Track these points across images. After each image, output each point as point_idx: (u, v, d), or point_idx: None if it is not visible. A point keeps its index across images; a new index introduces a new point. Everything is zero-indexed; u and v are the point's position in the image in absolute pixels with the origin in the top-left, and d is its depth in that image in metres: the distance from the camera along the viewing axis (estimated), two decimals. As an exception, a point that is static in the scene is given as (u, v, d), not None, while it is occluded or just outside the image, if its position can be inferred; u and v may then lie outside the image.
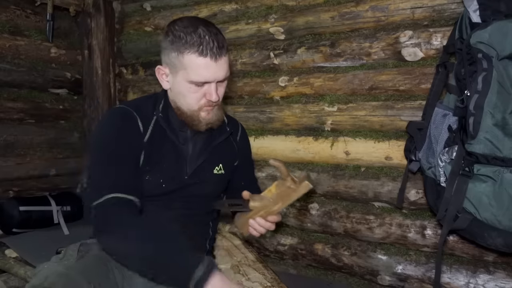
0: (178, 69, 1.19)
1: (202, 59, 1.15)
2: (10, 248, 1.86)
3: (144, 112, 1.27)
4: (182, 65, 1.17)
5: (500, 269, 1.56)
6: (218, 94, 1.22)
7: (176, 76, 1.21)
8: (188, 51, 1.15)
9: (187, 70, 1.17)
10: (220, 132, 1.38)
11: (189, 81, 1.18)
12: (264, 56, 1.99)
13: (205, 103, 1.22)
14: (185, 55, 1.15)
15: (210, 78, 1.18)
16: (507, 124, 1.23)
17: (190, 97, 1.21)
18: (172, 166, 1.27)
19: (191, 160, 1.31)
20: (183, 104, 1.24)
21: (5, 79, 2.13)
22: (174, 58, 1.18)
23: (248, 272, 1.49)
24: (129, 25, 2.46)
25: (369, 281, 1.82)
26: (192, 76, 1.16)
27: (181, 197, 1.28)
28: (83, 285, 1.03)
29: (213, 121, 1.27)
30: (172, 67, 1.21)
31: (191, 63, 1.15)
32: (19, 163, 2.23)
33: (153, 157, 1.24)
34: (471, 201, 1.27)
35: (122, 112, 1.25)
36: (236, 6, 2.05)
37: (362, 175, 1.80)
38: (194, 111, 1.23)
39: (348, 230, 1.84)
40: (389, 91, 1.72)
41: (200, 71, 1.16)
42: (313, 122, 1.89)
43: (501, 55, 1.24)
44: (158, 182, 1.24)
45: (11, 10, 2.16)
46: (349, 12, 1.76)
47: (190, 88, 1.19)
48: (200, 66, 1.15)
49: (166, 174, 1.26)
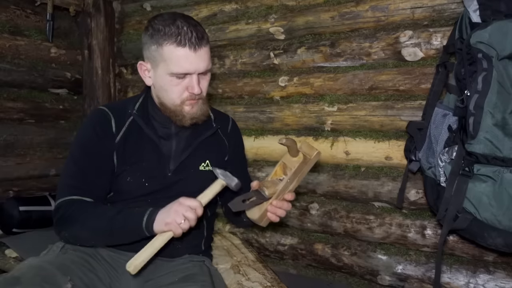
0: (158, 62, 1.19)
1: (181, 49, 1.15)
2: (10, 248, 1.85)
3: (121, 112, 1.29)
4: (162, 58, 1.17)
5: (500, 269, 1.56)
6: (201, 87, 1.21)
7: (156, 70, 1.20)
8: (166, 42, 1.15)
9: (166, 62, 1.16)
10: (206, 127, 1.36)
11: (170, 74, 1.17)
12: (264, 56, 1.99)
13: (188, 97, 1.21)
14: (164, 47, 1.15)
15: (190, 69, 1.17)
16: (507, 124, 1.23)
17: (172, 90, 1.20)
18: (153, 164, 1.26)
19: (175, 156, 1.30)
20: (166, 99, 1.23)
21: (5, 79, 2.13)
22: (154, 51, 1.18)
23: (248, 272, 1.49)
24: (129, 25, 2.46)
25: (369, 281, 1.82)
26: (172, 67, 1.16)
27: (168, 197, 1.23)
28: (56, 276, 1.04)
29: (198, 115, 1.25)
30: (152, 61, 1.21)
31: (170, 54, 1.15)
32: (19, 163, 2.23)
33: (130, 157, 1.25)
34: (471, 201, 1.27)
35: (98, 114, 1.28)
36: (236, 6, 2.05)
37: (362, 175, 1.80)
38: (177, 106, 1.22)
39: (348, 230, 1.84)
40: (389, 91, 1.72)
41: (179, 62, 1.15)
42: (313, 122, 1.89)
43: (501, 55, 1.24)
44: (140, 182, 1.24)
45: (11, 10, 2.16)
46: (349, 12, 1.76)
47: (171, 81, 1.18)
48: (179, 56, 1.15)
49: (147, 173, 1.25)
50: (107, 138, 1.24)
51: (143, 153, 1.26)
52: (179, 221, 1.05)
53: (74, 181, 1.20)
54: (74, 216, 1.15)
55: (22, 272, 1.02)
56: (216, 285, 1.24)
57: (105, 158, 1.23)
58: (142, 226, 1.09)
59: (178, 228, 1.06)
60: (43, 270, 1.04)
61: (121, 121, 1.27)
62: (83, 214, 1.15)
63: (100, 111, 1.28)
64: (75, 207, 1.16)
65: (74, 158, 1.24)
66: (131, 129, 1.27)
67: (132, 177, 1.24)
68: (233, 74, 2.11)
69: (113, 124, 1.26)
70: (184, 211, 1.06)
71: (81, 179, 1.20)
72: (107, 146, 1.24)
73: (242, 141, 1.55)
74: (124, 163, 1.24)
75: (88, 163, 1.22)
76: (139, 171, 1.24)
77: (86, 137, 1.25)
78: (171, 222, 1.05)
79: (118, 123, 1.26)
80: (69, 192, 1.18)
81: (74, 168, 1.22)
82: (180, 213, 1.06)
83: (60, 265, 1.09)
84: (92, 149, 1.23)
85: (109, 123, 1.25)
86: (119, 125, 1.26)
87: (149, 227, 1.08)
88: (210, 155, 1.36)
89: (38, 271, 1.03)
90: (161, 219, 1.07)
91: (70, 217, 1.15)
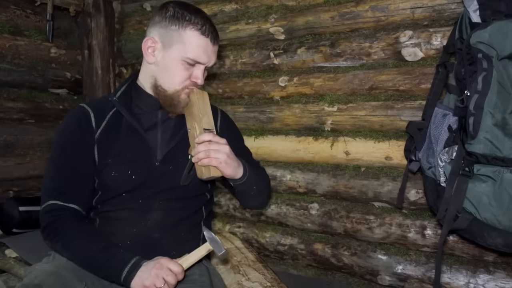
0: (174, 42, 1.18)
1: (204, 38, 1.18)
2: (10, 248, 1.85)
3: (101, 105, 1.26)
4: (181, 39, 1.17)
5: (500, 269, 1.56)
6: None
7: (169, 50, 1.19)
8: (191, 27, 1.17)
9: (185, 45, 1.17)
10: None
11: (184, 57, 1.18)
12: (264, 56, 1.99)
13: (188, 85, 1.21)
14: (188, 31, 1.17)
15: (204, 60, 1.20)
16: (507, 124, 1.23)
17: (179, 74, 1.19)
18: (138, 153, 1.21)
19: (162, 145, 1.24)
20: (166, 82, 1.21)
21: (5, 79, 2.13)
22: (174, 31, 1.17)
23: (248, 272, 1.49)
24: (129, 25, 2.46)
25: (369, 281, 1.82)
26: (189, 52, 1.17)
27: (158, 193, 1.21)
28: (73, 282, 1.04)
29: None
30: (167, 40, 1.19)
31: (192, 39, 1.17)
32: (19, 163, 2.23)
33: (111, 149, 1.20)
34: (471, 201, 1.27)
35: (76, 112, 1.25)
36: (236, 6, 2.05)
37: (362, 175, 1.80)
38: (176, 91, 1.20)
39: (348, 230, 1.84)
40: (389, 91, 1.72)
41: (198, 50, 1.18)
42: (313, 122, 1.89)
43: (501, 55, 1.24)
44: (126, 174, 1.19)
45: (11, 10, 2.16)
46: (349, 12, 1.76)
47: (182, 65, 1.19)
48: (200, 44, 1.18)
49: (132, 164, 1.20)
50: (86, 135, 1.20)
51: (126, 144, 1.21)
52: (159, 285, 1.02)
53: (55, 184, 1.18)
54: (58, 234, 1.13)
55: (42, 280, 1.01)
56: (215, 284, 1.22)
57: (86, 158, 1.19)
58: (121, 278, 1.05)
59: None
60: (61, 277, 1.03)
61: (101, 114, 1.23)
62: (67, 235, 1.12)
63: (78, 108, 1.25)
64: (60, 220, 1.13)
65: (54, 160, 1.20)
66: (112, 120, 1.23)
67: (117, 170, 1.18)
68: (233, 74, 2.11)
69: (92, 118, 1.21)
70: (165, 275, 1.03)
71: (62, 182, 1.17)
72: (87, 144, 1.19)
73: (236, 130, 1.50)
74: (106, 157, 1.19)
75: (68, 166, 1.18)
76: (123, 164, 1.19)
77: (64, 137, 1.21)
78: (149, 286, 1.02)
79: (98, 116, 1.22)
80: (51, 196, 1.16)
81: (54, 171, 1.19)
82: (160, 276, 1.02)
83: (74, 271, 1.08)
84: (71, 150, 1.19)
85: (87, 118, 1.21)
86: (99, 119, 1.22)
87: (127, 281, 1.05)
88: None
89: (57, 278, 1.03)
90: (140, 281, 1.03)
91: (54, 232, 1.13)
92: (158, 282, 1.02)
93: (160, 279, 1.02)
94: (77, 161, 1.18)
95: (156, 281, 1.02)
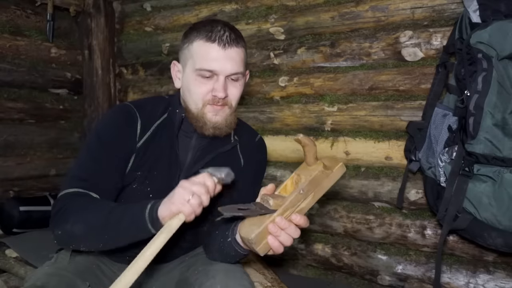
0: (187, 59, 1.14)
1: (209, 44, 1.09)
2: (10, 248, 1.86)
3: (149, 113, 1.19)
4: (190, 54, 1.12)
5: (500, 269, 1.56)
6: (228, 92, 1.12)
7: (185, 69, 1.15)
8: (197, 38, 1.11)
9: (193, 57, 1.11)
10: (225, 141, 1.22)
11: (196, 70, 1.10)
12: (264, 56, 1.99)
13: (211, 100, 1.11)
14: (194, 43, 1.11)
15: (217, 68, 1.09)
16: (507, 124, 1.23)
17: (196, 91, 1.12)
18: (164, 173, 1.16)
19: (187, 169, 1.19)
20: (190, 102, 1.15)
21: (5, 79, 2.13)
22: (185, 49, 1.15)
23: (248, 272, 1.49)
24: (129, 25, 2.46)
25: (369, 281, 1.82)
26: (198, 63, 1.10)
27: None
28: (76, 282, 1.02)
29: (221, 126, 1.14)
30: (183, 59, 1.16)
31: (198, 49, 1.10)
32: (19, 163, 2.23)
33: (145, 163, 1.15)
34: (471, 201, 1.27)
35: (125, 111, 1.18)
36: (236, 6, 2.05)
37: (362, 175, 1.80)
38: (199, 110, 1.13)
39: (348, 230, 1.84)
40: (389, 91, 1.72)
41: (206, 58, 1.09)
42: (313, 122, 1.89)
43: (501, 55, 1.24)
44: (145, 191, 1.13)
45: (12, 10, 2.16)
46: (349, 12, 1.76)
47: (196, 79, 1.11)
48: (207, 52, 1.09)
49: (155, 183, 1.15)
50: (129, 140, 1.15)
51: (159, 161, 1.16)
52: (187, 198, 0.89)
53: (84, 172, 1.09)
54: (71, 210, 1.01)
55: (44, 282, 0.99)
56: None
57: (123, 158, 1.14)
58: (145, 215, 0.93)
59: (187, 206, 0.89)
60: (64, 277, 1.02)
61: (147, 124, 1.17)
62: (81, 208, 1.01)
63: (127, 109, 1.18)
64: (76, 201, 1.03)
65: (90, 150, 1.13)
66: (155, 134, 1.17)
67: (140, 184, 1.14)
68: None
69: (139, 126, 1.16)
70: (190, 186, 0.91)
71: (93, 172, 1.09)
72: (128, 148, 1.15)
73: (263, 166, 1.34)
74: (137, 169, 1.15)
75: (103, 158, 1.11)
76: (148, 179, 1.15)
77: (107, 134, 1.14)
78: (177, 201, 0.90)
79: (144, 125, 1.16)
80: (76, 184, 1.06)
81: (87, 160, 1.11)
82: (188, 189, 0.90)
83: (76, 271, 1.06)
84: (111, 147, 1.12)
85: (134, 124, 1.16)
86: (145, 128, 1.16)
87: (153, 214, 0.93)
88: None
89: (60, 278, 1.01)
90: (166, 202, 0.93)
91: (67, 210, 1.02)
92: (186, 194, 0.90)
93: (187, 191, 0.90)
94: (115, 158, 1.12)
95: (184, 194, 0.90)
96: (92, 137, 1.17)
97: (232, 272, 1.04)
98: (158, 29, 2.32)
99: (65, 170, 2.43)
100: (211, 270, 1.05)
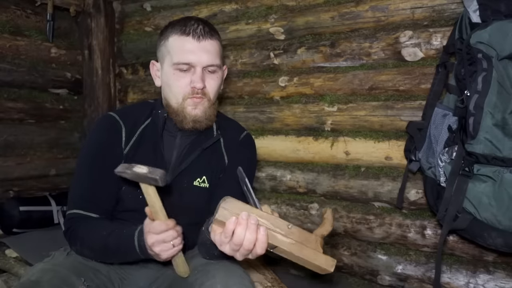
0: (164, 56, 1.18)
1: (184, 38, 1.14)
2: (10, 248, 1.86)
3: (134, 119, 1.23)
4: (167, 50, 1.16)
5: (500, 269, 1.56)
6: (206, 84, 1.16)
7: (163, 66, 1.19)
8: (172, 33, 1.15)
9: (170, 53, 1.15)
10: (207, 136, 1.26)
11: (173, 65, 1.14)
12: (264, 56, 1.99)
13: (190, 92, 1.15)
14: (170, 38, 1.16)
15: (193, 60, 1.13)
16: (507, 124, 1.23)
17: (175, 85, 1.16)
18: None
19: (173, 168, 1.22)
20: (171, 97, 1.18)
21: (5, 79, 2.13)
22: (162, 45, 1.18)
23: (248, 272, 1.49)
24: (129, 25, 2.46)
25: (369, 281, 1.82)
26: (174, 57, 1.14)
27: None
28: (71, 277, 1.03)
29: (201, 119, 1.17)
30: (160, 57, 1.20)
31: (174, 43, 1.15)
32: (19, 163, 2.23)
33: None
34: (471, 201, 1.27)
35: (107, 122, 1.22)
36: (236, 6, 2.05)
37: (362, 175, 1.80)
38: (180, 104, 1.16)
39: (348, 230, 1.84)
40: (389, 91, 1.72)
41: (181, 51, 1.13)
42: (313, 122, 1.89)
43: (501, 55, 1.24)
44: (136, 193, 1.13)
45: (11, 10, 2.16)
46: (349, 12, 1.76)
47: (175, 74, 1.15)
48: (182, 45, 1.13)
49: None
50: (116, 147, 1.19)
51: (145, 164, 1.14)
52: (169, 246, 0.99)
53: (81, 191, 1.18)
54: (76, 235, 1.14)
55: (39, 276, 1.00)
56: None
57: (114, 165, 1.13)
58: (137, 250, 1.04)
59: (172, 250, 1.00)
60: (59, 273, 1.03)
61: (132, 129, 1.22)
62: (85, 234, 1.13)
63: (109, 120, 1.22)
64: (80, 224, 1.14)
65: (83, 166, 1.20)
66: (141, 138, 1.22)
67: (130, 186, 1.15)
68: (233, 74, 2.11)
69: (123, 133, 1.20)
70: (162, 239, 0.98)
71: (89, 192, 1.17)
72: (117, 155, 1.19)
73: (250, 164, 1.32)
74: None
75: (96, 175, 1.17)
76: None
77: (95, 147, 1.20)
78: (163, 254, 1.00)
79: (128, 132, 1.21)
80: (77, 205, 1.17)
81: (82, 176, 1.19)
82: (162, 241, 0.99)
83: (72, 267, 1.07)
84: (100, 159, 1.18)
85: (118, 133, 1.20)
86: (130, 134, 1.21)
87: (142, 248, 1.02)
88: (208, 171, 1.24)
89: (54, 274, 1.02)
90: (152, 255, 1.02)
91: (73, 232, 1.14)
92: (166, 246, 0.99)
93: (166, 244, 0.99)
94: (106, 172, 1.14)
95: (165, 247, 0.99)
96: (81, 153, 1.24)
97: (232, 272, 1.05)
98: (158, 29, 2.32)
99: (65, 170, 2.43)
100: (211, 269, 1.06)
